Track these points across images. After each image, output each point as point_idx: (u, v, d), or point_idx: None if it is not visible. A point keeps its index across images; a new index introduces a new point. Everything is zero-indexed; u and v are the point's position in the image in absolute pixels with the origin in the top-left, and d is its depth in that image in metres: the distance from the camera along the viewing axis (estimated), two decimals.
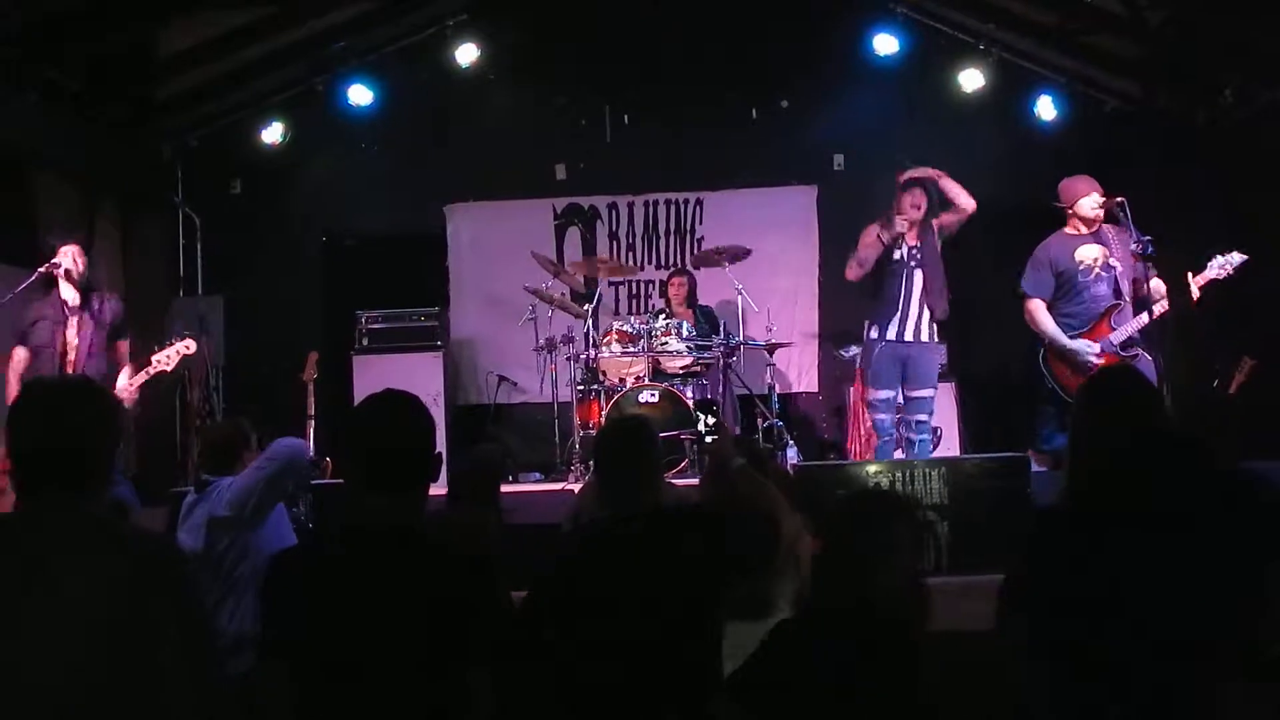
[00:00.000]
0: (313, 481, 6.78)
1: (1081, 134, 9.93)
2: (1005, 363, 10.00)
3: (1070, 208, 7.28)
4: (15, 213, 9.06)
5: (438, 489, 3.45)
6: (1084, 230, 7.24)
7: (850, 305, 10.64)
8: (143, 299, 9.52)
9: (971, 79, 9.96)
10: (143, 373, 7.16)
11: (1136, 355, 7.01)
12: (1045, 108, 9.96)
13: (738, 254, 9.24)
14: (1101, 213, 7.18)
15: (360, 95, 10.15)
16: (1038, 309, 7.23)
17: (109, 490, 2.76)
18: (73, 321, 7.19)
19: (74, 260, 7.25)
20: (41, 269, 7.32)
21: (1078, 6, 9.00)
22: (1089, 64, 9.94)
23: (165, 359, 7.19)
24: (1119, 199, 6.97)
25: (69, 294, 7.24)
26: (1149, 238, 6.82)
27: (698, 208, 10.94)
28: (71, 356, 7.16)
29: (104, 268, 9.06)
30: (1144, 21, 8.82)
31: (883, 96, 10.30)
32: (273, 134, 10.32)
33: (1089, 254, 7.17)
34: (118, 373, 7.27)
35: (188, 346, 7.25)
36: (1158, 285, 7.05)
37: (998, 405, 9.62)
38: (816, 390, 10.80)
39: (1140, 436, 3.06)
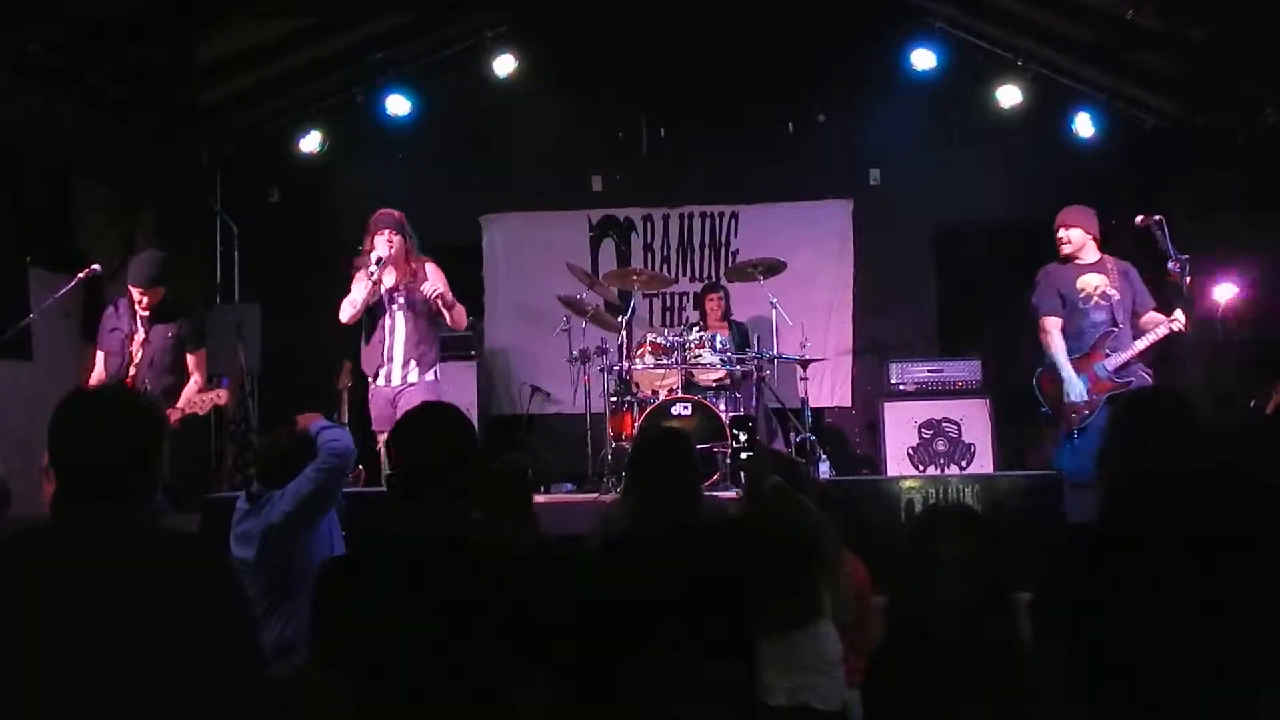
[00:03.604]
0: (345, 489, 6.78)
1: (1120, 151, 9.89)
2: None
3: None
4: (56, 218, 9.15)
5: None
6: (1083, 259, 7.21)
7: (885, 321, 10.66)
8: (180, 306, 9.60)
9: (1009, 95, 9.91)
10: (175, 409, 7.16)
11: (1130, 382, 6.95)
12: (1083, 125, 9.88)
13: (772, 268, 9.23)
14: (1079, 247, 7.17)
15: (398, 105, 10.20)
16: (1053, 327, 7.19)
17: (153, 497, 2.77)
18: (139, 336, 7.20)
19: (138, 301, 7.21)
20: (81, 274, 7.38)
21: (1117, 23, 8.95)
22: (1128, 81, 9.88)
23: (200, 402, 7.19)
24: (1157, 217, 6.94)
25: (139, 309, 7.20)
26: (1186, 257, 6.79)
27: (733, 221, 10.94)
28: (133, 369, 7.18)
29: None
30: (1184, 39, 8.77)
31: (920, 112, 10.29)
32: (311, 143, 10.37)
33: (1089, 283, 7.14)
34: (184, 385, 7.29)
35: (218, 396, 7.26)
36: (1151, 317, 7.03)
37: (1033, 422, 9.55)
38: (850, 405, 10.78)
39: (1172, 458, 3.04)
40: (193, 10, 8.57)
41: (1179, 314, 6.92)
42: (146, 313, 7.17)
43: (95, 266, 7.50)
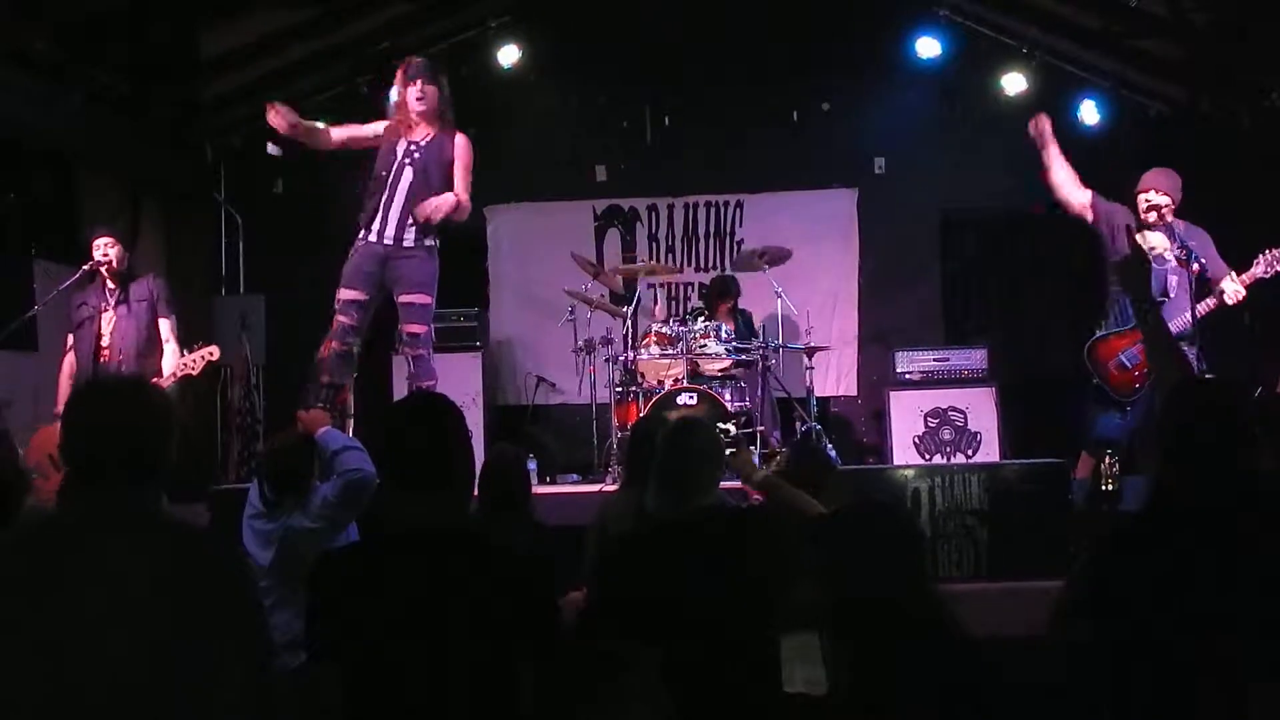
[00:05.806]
0: None
1: (1125, 138, 9.85)
2: (1047, 368, 9.94)
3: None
4: (61, 211, 9.16)
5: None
6: (1154, 219, 7.15)
7: (891, 309, 10.64)
8: (185, 297, 9.60)
9: (1014, 82, 9.89)
10: (169, 376, 7.19)
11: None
12: (1089, 111, 9.86)
13: (778, 257, 9.22)
14: (1149, 215, 7.12)
15: None
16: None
17: (163, 487, 2.77)
18: (108, 312, 7.28)
19: (105, 253, 7.32)
20: (85, 266, 7.39)
21: (1122, 9, 8.93)
22: (1133, 67, 9.86)
23: (191, 363, 7.21)
24: (1164, 200, 6.97)
25: (110, 285, 7.38)
26: (1193, 240, 6.79)
27: (738, 210, 10.91)
28: (106, 343, 7.25)
29: (147, 266, 9.14)
30: (1188, 25, 8.74)
31: (924, 99, 10.29)
32: None
33: (1152, 239, 7.06)
34: (159, 356, 7.33)
35: (211, 353, 7.26)
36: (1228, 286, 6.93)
37: (1039, 411, 9.55)
38: (855, 394, 10.76)
39: (1232, 442, 2.98)
40: (196, 2, 8.57)
41: (1227, 285, 6.86)
42: (113, 283, 7.32)
43: (103, 257, 7.50)
